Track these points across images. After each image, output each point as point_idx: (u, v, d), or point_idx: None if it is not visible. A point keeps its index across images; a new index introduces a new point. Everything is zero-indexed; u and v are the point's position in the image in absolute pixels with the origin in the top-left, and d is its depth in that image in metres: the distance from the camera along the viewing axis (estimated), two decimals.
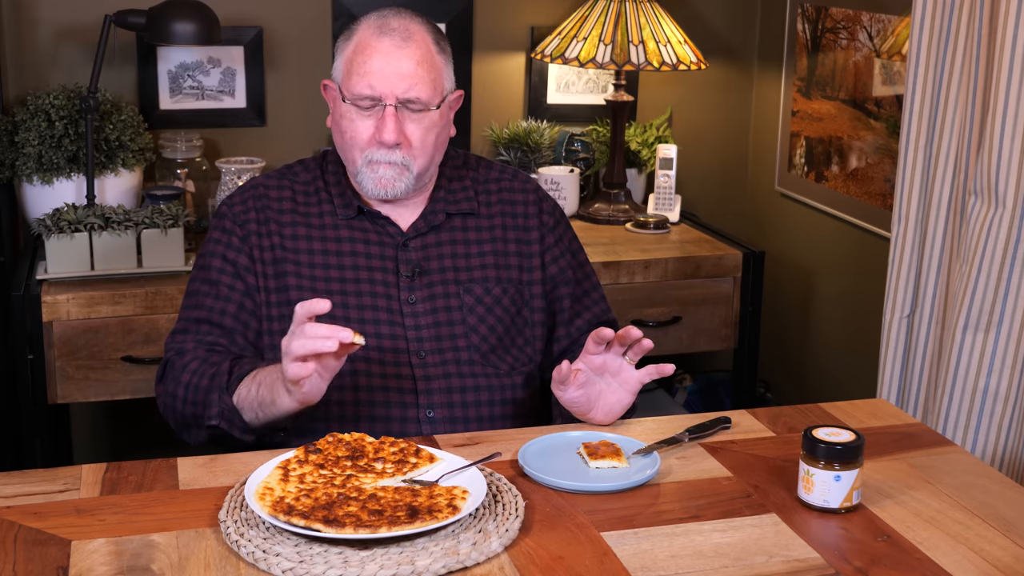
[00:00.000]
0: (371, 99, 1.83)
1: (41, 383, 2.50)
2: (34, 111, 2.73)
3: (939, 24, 2.38)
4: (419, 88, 1.83)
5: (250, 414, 1.74)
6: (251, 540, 1.41)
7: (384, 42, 1.84)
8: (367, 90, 1.83)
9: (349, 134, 1.86)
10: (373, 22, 1.86)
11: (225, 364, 1.79)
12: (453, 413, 1.88)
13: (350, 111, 1.85)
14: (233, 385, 1.76)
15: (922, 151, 2.46)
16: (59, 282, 2.54)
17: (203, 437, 1.82)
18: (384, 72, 1.82)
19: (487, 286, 1.94)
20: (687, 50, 3.03)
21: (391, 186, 1.86)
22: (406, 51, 1.83)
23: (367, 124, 1.84)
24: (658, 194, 3.15)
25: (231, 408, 1.75)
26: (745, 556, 1.42)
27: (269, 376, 1.71)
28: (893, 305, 2.55)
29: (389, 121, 1.82)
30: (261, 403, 1.72)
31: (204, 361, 1.82)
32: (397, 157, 1.85)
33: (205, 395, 1.78)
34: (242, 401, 1.74)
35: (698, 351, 3.00)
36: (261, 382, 1.72)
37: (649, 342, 1.73)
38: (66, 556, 1.39)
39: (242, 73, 3.07)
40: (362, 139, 1.85)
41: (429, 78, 1.84)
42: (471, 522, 1.47)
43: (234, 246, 1.91)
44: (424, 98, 1.84)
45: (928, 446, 1.75)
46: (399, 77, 1.82)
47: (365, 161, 1.86)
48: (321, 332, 1.56)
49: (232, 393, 1.75)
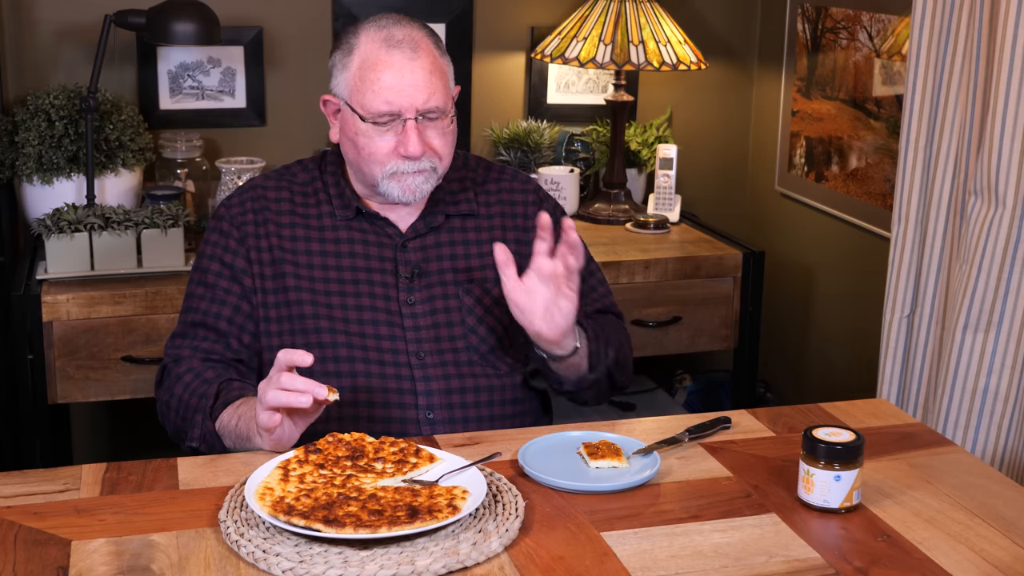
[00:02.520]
0: (390, 115, 1.82)
1: (41, 383, 2.50)
2: (34, 111, 2.73)
3: (939, 24, 2.38)
4: (436, 97, 1.83)
5: (229, 442, 1.75)
6: (251, 540, 1.41)
7: (395, 56, 1.82)
8: (385, 106, 1.81)
9: (367, 151, 1.85)
10: (376, 35, 1.84)
11: (213, 387, 1.79)
12: (453, 414, 1.88)
13: (368, 129, 1.83)
14: (217, 411, 1.76)
15: (922, 151, 2.46)
16: (59, 282, 2.54)
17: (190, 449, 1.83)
18: (400, 86, 1.82)
19: (487, 287, 1.94)
20: (687, 50, 3.03)
21: (419, 191, 1.87)
22: (418, 62, 1.83)
23: (386, 139, 1.84)
24: (658, 194, 3.15)
25: (212, 433, 1.76)
26: (745, 556, 1.42)
27: (249, 412, 1.71)
28: (893, 305, 2.55)
29: (412, 135, 1.82)
30: (239, 436, 1.72)
31: (197, 376, 1.83)
32: (425, 165, 1.85)
33: (192, 414, 1.79)
34: (223, 428, 1.75)
35: (698, 351, 3.00)
36: (241, 416, 1.72)
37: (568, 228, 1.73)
38: (66, 556, 1.39)
39: (242, 73, 3.07)
40: (382, 154, 1.84)
41: (441, 84, 1.85)
42: (471, 522, 1.47)
43: (231, 248, 1.91)
44: (441, 105, 1.84)
45: (928, 446, 1.75)
46: (416, 89, 1.82)
47: (387, 174, 1.85)
48: (297, 385, 1.57)
49: (215, 419, 1.76)
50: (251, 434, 1.68)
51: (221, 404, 1.76)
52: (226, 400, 1.76)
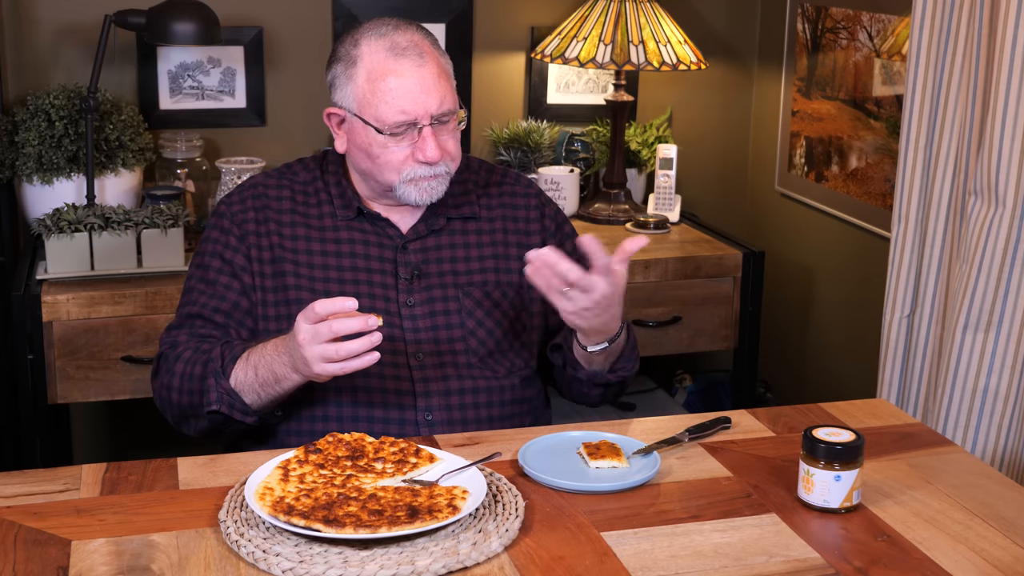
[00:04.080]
0: (406, 124, 1.83)
1: (41, 383, 2.50)
2: (34, 111, 2.73)
3: (939, 24, 2.38)
4: (447, 100, 1.84)
5: (251, 396, 1.75)
6: (251, 540, 1.41)
7: (403, 64, 1.82)
8: (401, 116, 1.82)
9: (383, 159, 1.85)
10: (378, 43, 1.84)
11: (216, 350, 1.79)
12: (451, 416, 1.88)
13: (385, 141, 1.83)
14: (228, 368, 1.76)
15: (922, 151, 2.46)
16: (59, 282, 2.54)
17: (203, 426, 1.82)
18: (413, 94, 1.82)
19: (486, 289, 1.94)
20: (687, 50, 3.03)
21: (435, 193, 1.88)
22: (426, 68, 1.83)
23: (402, 147, 1.84)
24: (658, 194, 3.15)
25: (229, 391, 1.75)
26: (745, 556, 1.42)
27: (266, 357, 1.72)
28: (893, 305, 2.55)
29: (429, 141, 1.83)
30: (264, 383, 1.73)
31: (196, 350, 1.82)
32: (441, 169, 1.86)
33: (201, 382, 1.78)
34: (241, 384, 1.75)
35: (698, 351, 3.00)
36: (257, 364, 1.73)
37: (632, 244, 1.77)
38: (66, 556, 1.39)
39: (242, 73, 3.07)
40: (398, 162, 1.85)
41: (449, 86, 1.86)
42: (471, 522, 1.47)
43: (231, 245, 1.91)
44: (452, 107, 1.85)
45: (928, 446, 1.75)
46: (428, 95, 1.82)
47: (404, 180, 1.85)
48: (355, 348, 1.61)
49: (228, 376, 1.75)
50: (280, 376, 1.70)
51: (230, 361, 1.76)
52: (233, 356, 1.76)
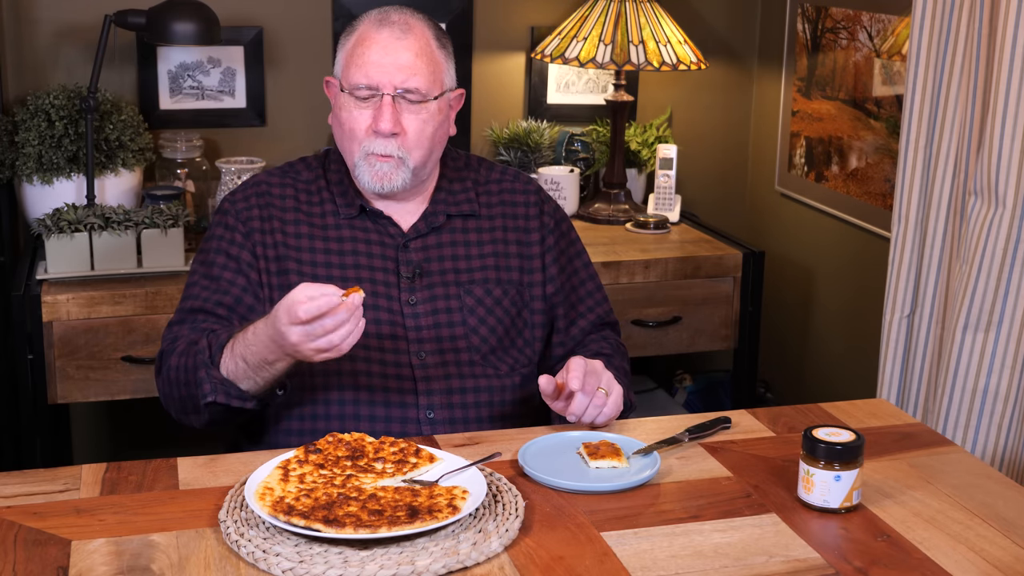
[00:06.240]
0: (368, 88, 1.84)
1: (41, 383, 2.50)
2: (34, 111, 2.73)
3: (939, 24, 2.38)
4: (417, 79, 1.84)
5: (247, 383, 1.74)
6: (251, 540, 1.41)
7: (383, 33, 1.85)
8: (364, 79, 1.83)
9: (348, 125, 1.86)
10: (374, 17, 1.88)
11: (203, 340, 1.78)
12: (453, 414, 1.88)
13: (348, 102, 1.85)
14: (216, 356, 1.75)
15: (922, 151, 2.46)
16: (59, 282, 2.54)
17: (205, 418, 1.81)
18: (382, 62, 1.83)
19: (487, 287, 1.94)
20: (687, 50, 3.03)
21: (388, 180, 1.86)
22: (404, 42, 1.84)
23: (365, 115, 1.85)
24: (658, 194, 3.15)
25: (222, 380, 1.74)
26: (745, 556, 1.42)
27: (252, 347, 1.71)
28: (893, 305, 2.55)
29: (386, 110, 1.83)
30: (257, 368, 1.72)
31: (189, 342, 1.82)
32: (393, 148, 1.85)
33: (194, 373, 1.77)
34: (232, 373, 1.74)
35: (698, 351, 3.00)
36: (244, 354, 1.72)
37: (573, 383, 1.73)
38: (66, 556, 1.39)
39: (242, 73, 3.07)
40: (360, 130, 1.85)
41: (428, 70, 1.85)
42: (471, 522, 1.47)
43: (237, 242, 1.91)
44: (422, 88, 1.84)
45: (928, 446, 1.75)
46: (396, 67, 1.83)
47: (363, 154, 1.86)
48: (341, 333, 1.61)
49: (218, 365, 1.75)
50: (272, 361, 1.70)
51: (217, 350, 1.76)
52: (220, 345, 1.76)
